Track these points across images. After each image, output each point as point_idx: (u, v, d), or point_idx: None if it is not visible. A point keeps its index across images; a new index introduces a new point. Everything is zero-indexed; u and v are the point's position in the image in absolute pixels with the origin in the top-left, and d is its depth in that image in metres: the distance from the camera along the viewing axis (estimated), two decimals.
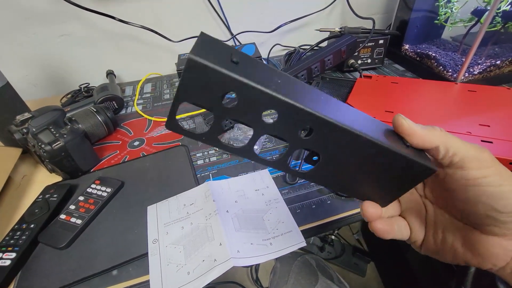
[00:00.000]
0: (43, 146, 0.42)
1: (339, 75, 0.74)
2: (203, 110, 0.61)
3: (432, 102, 0.53)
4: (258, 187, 0.43)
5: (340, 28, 0.71)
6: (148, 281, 0.33)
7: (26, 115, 0.44)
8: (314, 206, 0.40)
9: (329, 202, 0.41)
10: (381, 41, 0.70)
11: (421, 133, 0.19)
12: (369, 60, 0.73)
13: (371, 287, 1.02)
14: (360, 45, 0.69)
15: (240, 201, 0.40)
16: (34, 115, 0.44)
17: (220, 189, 0.42)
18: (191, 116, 0.61)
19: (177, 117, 0.59)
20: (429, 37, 0.75)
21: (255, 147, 0.49)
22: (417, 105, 0.53)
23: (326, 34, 0.78)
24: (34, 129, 0.43)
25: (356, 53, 0.70)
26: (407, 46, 0.74)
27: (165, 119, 0.62)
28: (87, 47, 0.74)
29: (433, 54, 0.66)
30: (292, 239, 0.35)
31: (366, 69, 0.73)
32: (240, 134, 0.52)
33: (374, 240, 1.08)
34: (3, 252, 0.35)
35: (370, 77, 0.65)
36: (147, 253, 0.35)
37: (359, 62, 0.72)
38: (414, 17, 0.71)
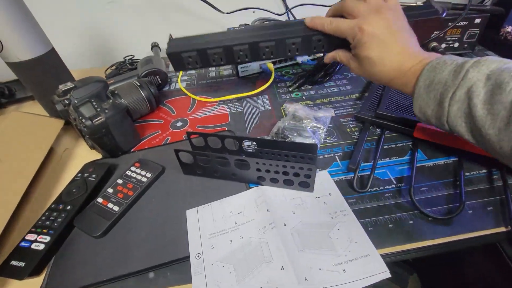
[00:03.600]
0: (83, 120, 0.38)
1: None
2: (255, 91, 0.54)
3: None
4: (319, 194, 0.35)
5: (423, 3, 0.58)
6: None
7: (69, 84, 0.41)
8: (391, 225, 0.32)
9: (411, 222, 0.32)
10: (477, 20, 0.56)
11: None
12: (456, 44, 0.59)
13: None
14: (449, 24, 0.56)
15: (298, 211, 0.33)
16: (77, 85, 0.40)
17: (273, 196, 0.35)
18: (239, 99, 0.54)
19: (223, 98, 0.53)
20: None
21: (314, 140, 0.41)
22: None
23: None
24: (76, 101, 0.39)
25: (441, 35, 0.57)
26: (509, 29, 0.59)
27: (210, 99, 0.57)
28: (134, 16, 0.70)
29: None
30: (370, 267, 0.27)
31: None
32: (297, 123, 0.44)
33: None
34: (38, 234, 0.32)
35: None
36: (188, 256, 0.30)
37: (443, 45, 0.59)
38: None
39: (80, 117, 0.39)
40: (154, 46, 0.70)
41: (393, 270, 0.90)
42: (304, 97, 0.54)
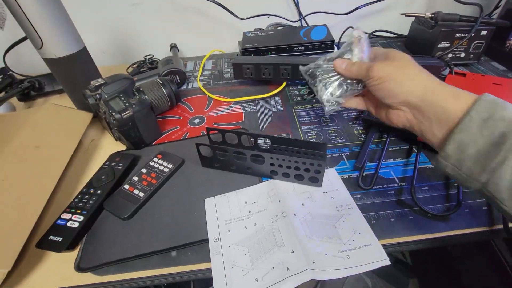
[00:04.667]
0: (113, 114, 0.42)
1: None
2: (269, 94, 0.57)
3: None
4: (326, 189, 0.38)
5: (432, 14, 0.61)
6: (205, 269, 0.32)
7: (100, 81, 0.44)
8: (392, 220, 0.35)
9: (411, 217, 0.35)
10: (483, 32, 0.58)
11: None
12: (462, 54, 0.61)
13: None
14: (456, 35, 0.58)
15: (307, 204, 0.36)
16: (107, 81, 0.44)
17: (285, 189, 0.38)
18: (253, 100, 0.58)
19: (239, 99, 0.57)
20: None
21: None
22: None
23: (410, 21, 0.68)
24: (106, 96, 0.43)
25: (447, 44, 0.60)
26: None
27: (226, 99, 0.60)
28: (155, 18, 0.74)
29: None
30: (372, 255, 0.30)
31: (456, 65, 0.62)
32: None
33: (421, 254, 0.98)
34: (72, 213, 0.36)
35: (463, 74, 0.54)
36: (206, 239, 0.34)
37: (450, 55, 0.61)
38: None
39: (110, 111, 0.42)
40: (173, 47, 0.74)
41: (393, 274, 0.91)
42: (314, 100, 0.57)
